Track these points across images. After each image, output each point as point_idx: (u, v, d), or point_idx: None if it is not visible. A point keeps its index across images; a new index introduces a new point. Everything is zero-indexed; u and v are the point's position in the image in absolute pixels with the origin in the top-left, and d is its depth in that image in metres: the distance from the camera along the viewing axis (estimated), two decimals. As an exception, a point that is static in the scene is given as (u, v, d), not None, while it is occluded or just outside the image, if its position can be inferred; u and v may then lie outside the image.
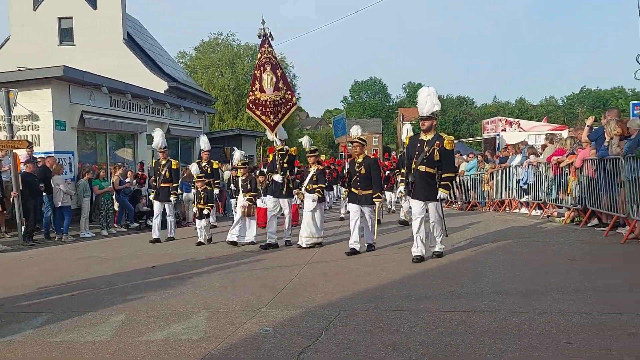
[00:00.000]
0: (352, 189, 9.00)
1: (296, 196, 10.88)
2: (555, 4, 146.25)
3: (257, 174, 12.62)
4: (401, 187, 8.39)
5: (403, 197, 9.65)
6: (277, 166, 9.97)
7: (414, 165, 7.76)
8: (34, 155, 13.95)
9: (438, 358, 3.89)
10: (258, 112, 10.07)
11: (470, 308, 5.13)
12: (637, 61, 13.92)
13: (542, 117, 50.44)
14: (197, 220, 11.18)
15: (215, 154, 17.78)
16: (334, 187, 19.81)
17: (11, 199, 12.47)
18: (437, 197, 7.61)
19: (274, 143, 10.22)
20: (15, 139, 12.55)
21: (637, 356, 3.76)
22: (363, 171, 8.87)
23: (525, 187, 13.63)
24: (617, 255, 7.49)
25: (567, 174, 11.09)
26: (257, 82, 10.04)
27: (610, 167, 9.05)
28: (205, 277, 7.38)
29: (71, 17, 25.07)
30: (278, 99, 9.92)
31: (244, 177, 10.73)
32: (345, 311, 5.23)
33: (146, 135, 19.77)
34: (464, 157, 19.39)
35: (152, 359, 4.18)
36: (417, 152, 7.79)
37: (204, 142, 13.90)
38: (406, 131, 12.55)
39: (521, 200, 14.07)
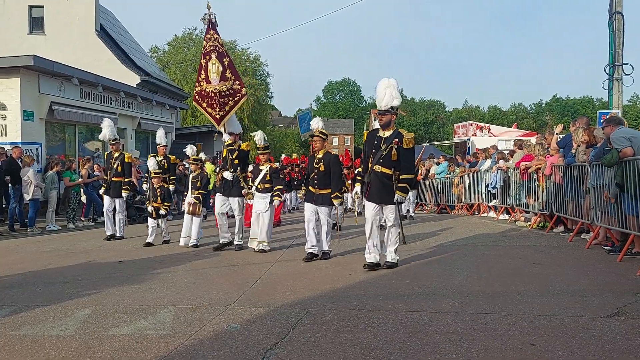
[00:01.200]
0: (310, 187, 8.29)
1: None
2: (526, 12, 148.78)
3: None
4: (357, 188, 7.66)
5: (357, 199, 8.86)
6: (228, 163, 9.30)
7: (370, 165, 7.23)
8: (0, 145, 13.63)
9: (405, 357, 3.93)
10: (204, 105, 9.36)
11: (437, 309, 5.20)
12: (605, 71, 14.32)
13: (511, 123, 51.29)
14: (149, 219, 10.32)
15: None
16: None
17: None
18: (394, 200, 7.01)
19: (223, 138, 9.57)
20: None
21: (599, 357, 3.86)
22: (322, 168, 8.15)
23: (494, 191, 13.85)
24: (580, 260, 7.66)
25: (535, 179, 11.30)
26: (202, 72, 9.32)
27: (576, 173, 9.26)
28: (173, 273, 7.32)
29: (42, 6, 24.57)
30: (225, 89, 9.17)
31: (194, 174, 10.02)
32: (314, 309, 5.25)
33: (116, 129, 19.49)
34: (435, 160, 19.59)
35: (118, 353, 4.13)
36: (373, 150, 7.20)
37: (159, 136, 12.93)
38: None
39: (490, 204, 14.30)
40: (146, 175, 13.45)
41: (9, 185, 12.63)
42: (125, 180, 11.17)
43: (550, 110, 77.05)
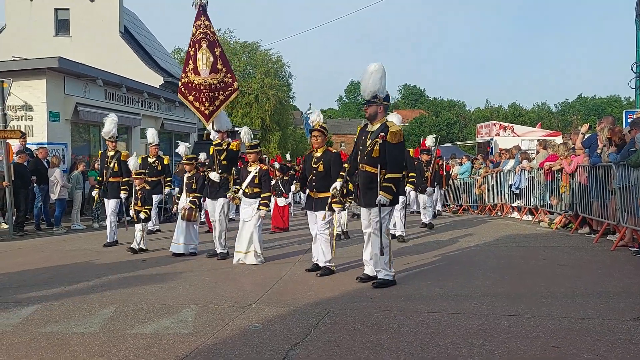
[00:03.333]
0: (309, 191, 7.44)
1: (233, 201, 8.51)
2: (551, 10, 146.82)
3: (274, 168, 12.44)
4: (337, 183, 6.66)
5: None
6: (215, 163, 8.51)
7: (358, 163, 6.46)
8: (27, 145, 13.87)
9: (426, 358, 3.91)
10: (191, 98, 8.44)
11: (459, 310, 5.16)
12: (632, 70, 14.08)
13: (534, 122, 50.66)
14: (134, 223, 9.45)
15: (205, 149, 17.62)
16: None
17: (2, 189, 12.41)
18: (376, 202, 6.03)
19: (210, 136, 8.70)
20: (8, 129, 12.50)
21: (623, 361, 3.80)
22: (321, 168, 7.20)
23: (517, 191, 13.68)
24: (606, 262, 7.54)
25: (559, 179, 11.15)
26: (190, 62, 8.40)
27: (602, 174, 9.11)
28: (196, 273, 7.38)
29: (68, 9, 24.97)
30: (215, 82, 8.29)
31: (189, 175, 9.15)
32: (335, 310, 5.24)
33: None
34: (457, 160, 19.45)
35: (141, 352, 4.17)
36: (360, 147, 6.42)
37: (151, 135, 12.03)
38: (430, 140, 13.05)
39: (513, 205, 14.14)
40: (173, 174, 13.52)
41: (35, 185, 12.84)
42: (123, 180, 10.27)
43: (576, 109, 76.02)
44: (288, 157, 22.24)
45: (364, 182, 6.30)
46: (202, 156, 12.41)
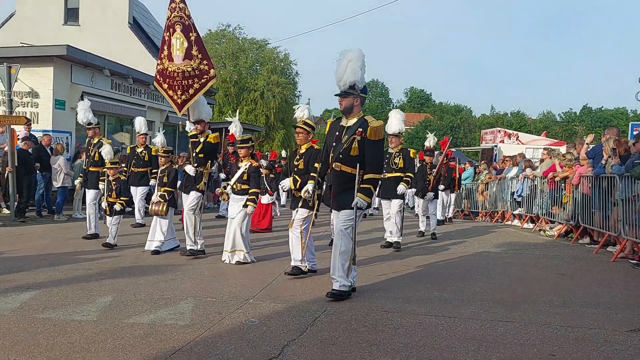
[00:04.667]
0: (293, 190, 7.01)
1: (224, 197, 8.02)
2: (560, 21, 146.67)
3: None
4: (309, 186, 6.25)
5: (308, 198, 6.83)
6: (191, 156, 8.11)
7: (330, 162, 5.82)
8: (31, 132, 13.90)
9: (421, 360, 3.91)
10: (165, 86, 7.98)
11: (457, 314, 5.16)
12: (640, 82, 14.05)
13: (539, 131, 50.57)
14: (107, 216, 9.06)
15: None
16: None
17: (6, 175, 12.44)
18: (353, 204, 5.51)
19: (186, 127, 8.18)
20: (14, 114, 12.53)
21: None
22: (301, 165, 6.80)
23: (519, 199, 13.69)
24: (605, 273, 7.53)
25: (562, 189, 11.15)
26: (165, 48, 7.90)
27: (605, 185, 9.10)
28: (195, 266, 7.39)
29: (78, -2, 24.99)
30: (190, 69, 7.78)
31: (162, 168, 8.71)
32: (332, 308, 5.25)
33: (145, 121, 19.73)
34: (461, 165, 19.46)
35: (138, 341, 4.18)
36: (334, 144, 5.78)
37: (139, 124, 11.33)
38: (430, 140, 12.09)
39: (514, 212, 14.14)
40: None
41: (38, 172, 12.87)
42: (103, 170, 9.60)
43: (582, 120, 75.85)
44: (284, 154, 22.02)
45: (338, 182, 5.67)
46: (263, 162, 12.32)
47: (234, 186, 7.62)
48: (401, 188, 9.10)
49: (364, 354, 4.01)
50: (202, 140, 8.03)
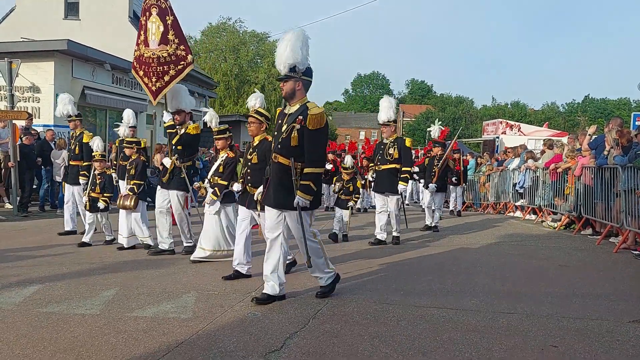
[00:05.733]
0: (246, 186, 6.24)
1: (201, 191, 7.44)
2: (561, 10, 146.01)
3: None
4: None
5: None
6: (169, 148, 7.65)
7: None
8: (33, 127, 13.92)
9: (423, 352, 3.92)
10: (141, 73, 7.54)
11: (459, 306, 5.17)
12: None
13: (541, 122, 50.44)
14: (87, 212, 8.62)
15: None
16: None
17: (9, 170, 12.47)
18: (295, 204, 4.97)
19: (163, 118, 7.63)
20: (15, 109, 12.54)
21: (621, 363, 3.80)
22: (255, 159, 6.13)
23: (521, 190, 13.68)
24: (607, 264, 7.53)
25: (564, 180, 11.13)
26: (141, 33, 7.47)
27: (608, 176, 9.09)
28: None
29: (78, -8, 24.93)
30: (165, 54, 7.30)
31: (130, 160, 8.34)
32: (334, 301, 5.26)
33: (146, 115, 19.75)
34: (463, 157, 19.41)
35: (141, 335, 4.20)
36: (275, 133, 5.31)
37: (127, 116, 10.56)
38: (436, 130, 11.77)
39: (516, 203, 14.13)
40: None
41: (41, 166, 12.89)
42: (84, 164, 9.21)
43: (584, 110, 75.66)
44: None
45: (275, 176, 5.14)
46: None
47: (211, 179, 7.11)
48: (401, 187, 8.69)
49: (366, 346, 4.02)
50: (181, 131, 7.49)
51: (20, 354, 3.81)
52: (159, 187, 7.74)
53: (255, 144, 6.26)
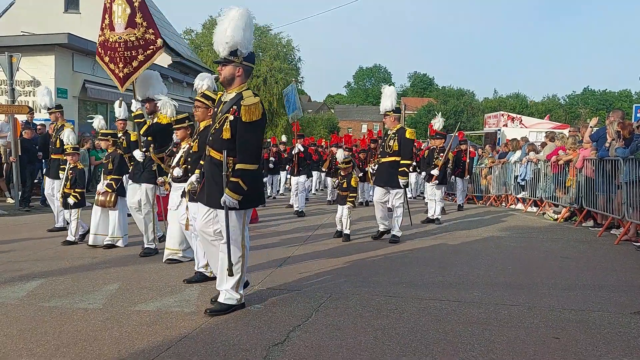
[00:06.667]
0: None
1: (163, 186, 7.10)
2: (563, 2, 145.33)
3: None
4: (192, 177, 5.29)
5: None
6: (139, 140, 7.31)
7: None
8: (34, 121, 13.91)
9: (426, 345, 3.93)
10: (106, 59, 7.06)
11: (461, 298, 5.18)
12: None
13: (542, 114, 50.34)
14: (71, 210, 8.24)
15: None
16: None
17: (10, 164, 12.48)
18: (222, 202, 4.43)
19: (132, 106, 7.11)
20: (16, 104, 12.53)
21: (624, 353, 3.81)
22: (195, 147, 5.58)
23: (523, 183, 13.68)
24: (609, 256, 7.54)
25: (566, 172, 11.13)
26: (106, 17, 6.99)
27: (609, 168, 9.08)
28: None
29: (78, -15, 24.87)
30: (133, 39, 6.85)
31: (107, 154, 7.95)
32: (337, 294, 5.27)
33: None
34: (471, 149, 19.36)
35: (144, 329, 4.22)
36: (211, 123, 4.88)
37: (118, 109, 9.46)
38: (438, 122, 11.46)
39: (518, 196, 14.12)
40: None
41: (43, 160, 12.90)
42: (64, 158, 8.82)
43: (585, 102, 75.50)
44: (284, 138, 21.27)
45: (208, 171, 4.69)
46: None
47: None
48: (402, 182, 8.43)
49: (368, 339, 4.03)
50: (152, 121, 7.03)
51: (23, 348, 3.83)
52: (130, 181, 7.40)
53: (200, 130, 5.60)
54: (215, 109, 4.82)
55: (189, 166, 5.76)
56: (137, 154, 7.14)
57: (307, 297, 5.16)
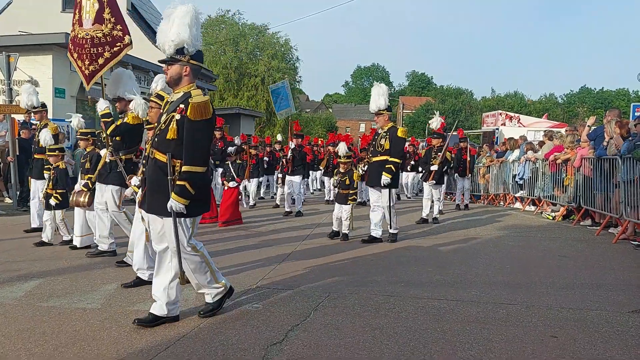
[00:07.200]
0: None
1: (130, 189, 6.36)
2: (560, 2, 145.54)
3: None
4: (134, 179, 5.38)
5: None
6: (106, 139, 6.88)
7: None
8: (32, 121, 13.87)
9: (424, 343, 3.94)
10: (75, 56, 6.79)
11: (459, 297, 5.18)
12: (641, 63, 13.93)
13: (540, 113, 50.38)
14: (45, 211, 8.10)
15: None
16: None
17: (8, 164, 12.46)
18: (168, 208, 4.14)
19: (98, 105, 6.78)
20: (14, 103, 12.51)
21: (622, 352, 3.81)
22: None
23: (521, 182, 13.69)
24: (607, 254, 7.55)
25: (563, 171, 11.14)
26: (76, 12, 6.76)
27: (607, 167, 9.09)
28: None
29: (75, -16, 24.80)
30: (100, 35, 6.56)
31: (85, 153, 7.68)
32: (335, 293, 5.27)
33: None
34: (474, 146, 19.36)
35: (142, 328, 4.21)
36: (156, 125, 4.62)
37: (101, 107, 10.13)
38: (436, 121, 11.40)
39: (516, 195, 14.14)
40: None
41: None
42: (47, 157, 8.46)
43: (583, 101, 75.55)
44: (279, 137, 20.91)
45: (152, 175, 4.37)
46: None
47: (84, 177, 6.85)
48: (385, 180, 8.09)
49: (367, 338, 4.04)
50: (112, 121, 6.70)
51: (22, 348, 3.83)
52: (97, 182, 7.07)
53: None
54: (162, 110, 4.58)
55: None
56: (104, 154, 6.88)
57: (305, 296, 5.17)
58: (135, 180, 5.58)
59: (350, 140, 19.30)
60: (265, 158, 16.13)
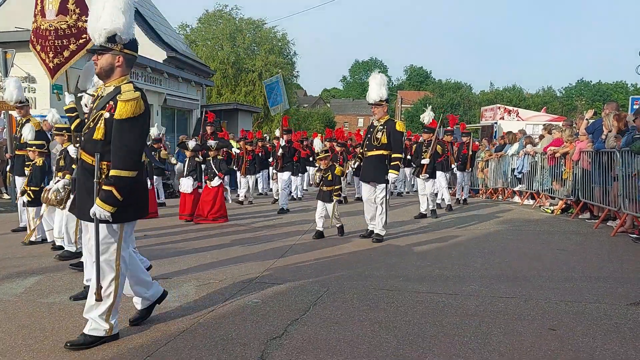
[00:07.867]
0: None
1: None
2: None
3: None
4: (60, 182, 5.18)
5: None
6: (72, 134, 6.27)
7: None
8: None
9: (423, 337, 3.95)
10: (38, 48, 6.54)
11: (458, 291, 5.20)
12: None
13: (538, 106, 50.37)
14: (27, 208, 7.90)
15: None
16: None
17: (6, 161, 12.44)
18: (90, 214, 3.74)
19: (66, 99, 6.49)
20: (11, 100, 12.47)
21: (621, 344, 3.83)
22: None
23: (519, 176, 13.69)
24: (605, 248, 7.57)
25: (562, 164, 11.15)
26: (38, 3, 6.44)
27: (605, 160, 9.10)
28: (198, 248, 7.42)
29: (72, -20, 24.71)
30: (65, 26, 6.29)
31: (61, 149, 7.27)
32: (334, 287, 5.29)
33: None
34: (477, 142, 19.34)
35: (142, 323, 4.22)
36: (86, 120, 4.19)
37: (65, 101, 9.00)
38: (428, 116, 11.37)
39: (515, 189, 14.15)
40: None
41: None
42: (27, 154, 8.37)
43: (580, 94, 75.52)
44: (277, 133, 20.66)
45: (80, 179, 4.06)
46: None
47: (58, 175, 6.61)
48: (392, 176, 7.96)
49: (366, 332, 4.05)
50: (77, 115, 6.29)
51: (22, 344, 3.83)
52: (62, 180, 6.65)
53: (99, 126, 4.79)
54: (92, 105, 4.14)
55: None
56: (72, 150, 6.51)
57: (304, 291, 5.18)
58: (60, 184, 5.35)
59: (348, 135, 19.26)
60: (259, 154, 16.04)
